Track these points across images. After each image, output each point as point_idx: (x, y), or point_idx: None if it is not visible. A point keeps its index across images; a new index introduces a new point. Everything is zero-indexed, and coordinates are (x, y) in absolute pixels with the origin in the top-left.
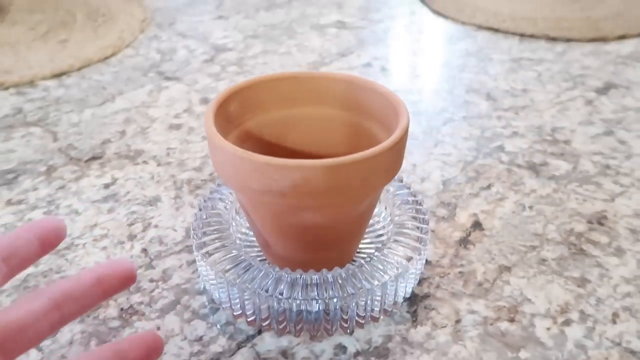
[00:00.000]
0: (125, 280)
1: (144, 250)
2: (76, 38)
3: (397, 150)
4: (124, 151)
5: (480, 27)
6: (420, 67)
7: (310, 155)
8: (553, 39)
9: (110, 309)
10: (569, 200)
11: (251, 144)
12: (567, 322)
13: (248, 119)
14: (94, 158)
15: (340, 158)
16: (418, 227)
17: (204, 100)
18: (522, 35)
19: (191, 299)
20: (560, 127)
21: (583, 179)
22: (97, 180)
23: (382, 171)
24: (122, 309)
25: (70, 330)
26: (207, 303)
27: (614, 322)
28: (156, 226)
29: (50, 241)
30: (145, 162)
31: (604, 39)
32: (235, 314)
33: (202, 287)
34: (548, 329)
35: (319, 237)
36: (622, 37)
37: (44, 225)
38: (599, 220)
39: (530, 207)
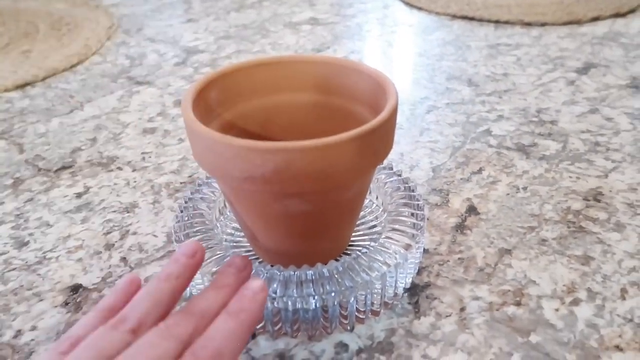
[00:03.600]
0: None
1: (123, 259)
2: (39, 48)
3: (386, 131)
4: (96, 158)
5: (454, 17)
6: (398, 58)
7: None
8: (528, 24)
9: None
10: (562, 179)
11: (234, 135)
12: (576, 302)
13: (229, 108)
14: (64, 167)
15: (325, 139)
16: (413, 214)
17: (178, 103)
18: (497, 22)
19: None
20: (545, 108)
21: (574, 157)
22: (69, 190)
23: (371, 153)
24: None
25: (46, 349)
26: None
27: (623, 298)
28: (135, 233)
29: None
30: (119, 168)
31: (578, 22)
32: None
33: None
34: (556, 310)
35: (308, 225)
36: (595, 19)
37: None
38: (595, 197)
39: (524, 188)
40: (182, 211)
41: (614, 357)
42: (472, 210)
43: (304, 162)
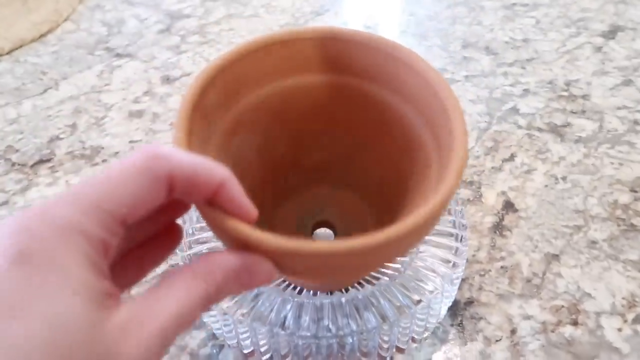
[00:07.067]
0: None
1: None
2: (2, 14)
3: (444, 209)
4: (78, 149)
5: None
6: (406, 23)
7: (318, 138)
8: None
9: None
10: (603, 165)
11: (244, 135)
12: (639, 319)
13: (230, 108)
14: (41, 161)
15: (372, 237)
16: (451, 222)
17: (166, 80)
18: None
19: (187, 336)
20: (574, 80)
21: (613, 139)
22: (49, 189)
23: (420, 239)
24: None
25: None
26: (207, 340)
27: None
28: None
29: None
30: (105, 161)
31: None
32: (245, 351)
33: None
34: (619, 330)
35: (334, 286)
36: None
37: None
38: None
39: (564, 178)
40: (184, 223)
41: None
42: (509, 206)
43: (343, 262)
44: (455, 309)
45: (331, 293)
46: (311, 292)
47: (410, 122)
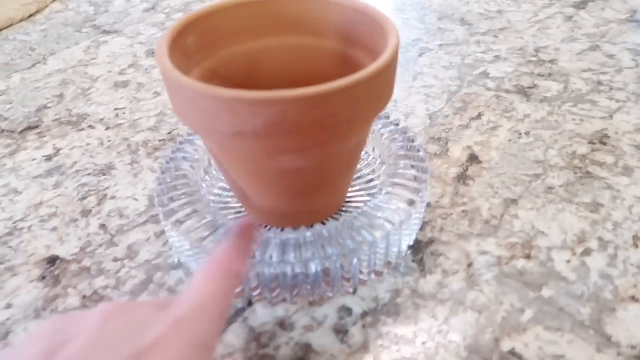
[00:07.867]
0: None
1: (102, 226)
2: None
3: (388, 74)
4: (65, 116)
5: None
6: None
7: None
8: None
9: (70, 298)
10: (565, 122)
11: (217, 84)
12: (587, 252)
13: (210, 54)
14: (29, 128)
15: (323, 86)
16: (414, 166)
17: (150, 53)
18: None
19: (165, 275)
20: (543, 47)
21: (576, 98)
22: (36, 152)
23: (373, 99)
24: (84, 296)
25: (25, 329)
26: (184, 278)
27: (636, 245)
28: (113, 197)
29: None
30: (90, 126)
31: None
32: None
33: (175, 260)
34: (568, 261)
35: (304, 182)
36: None
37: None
38: (601, 140)
39: (527, 133)
40: (163, 172)
41: (629, 309)
42: (473, 158)
43: (301, 114)
44: (417, 248)
45: (296, 229)
46: (278, 229)
47: (364, 64)
